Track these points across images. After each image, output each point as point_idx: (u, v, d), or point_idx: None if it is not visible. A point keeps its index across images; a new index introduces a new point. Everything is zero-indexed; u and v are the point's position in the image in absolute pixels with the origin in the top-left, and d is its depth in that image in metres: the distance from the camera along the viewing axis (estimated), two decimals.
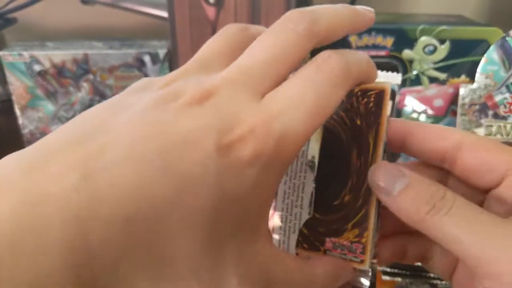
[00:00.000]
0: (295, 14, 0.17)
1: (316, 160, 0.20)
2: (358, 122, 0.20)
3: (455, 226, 0.17)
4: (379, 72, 0.20)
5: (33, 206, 0.12)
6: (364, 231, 0.19)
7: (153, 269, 0.14)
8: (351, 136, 0.20)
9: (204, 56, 0.18)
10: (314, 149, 0.20)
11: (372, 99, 0.19)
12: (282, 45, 0.16)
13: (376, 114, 0.19)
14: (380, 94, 0.19)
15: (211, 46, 0.18)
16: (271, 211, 0.21)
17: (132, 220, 0.13)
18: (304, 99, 0.15)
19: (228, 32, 0.18)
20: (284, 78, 0.16)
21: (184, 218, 0.14)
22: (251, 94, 0.15)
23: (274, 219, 0.21)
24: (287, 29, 0.16)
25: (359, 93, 0.19)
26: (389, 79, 0.19)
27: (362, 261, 0.20)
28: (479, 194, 0.20)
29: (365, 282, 0.21)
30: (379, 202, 0.19)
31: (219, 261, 0.15)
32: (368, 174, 0.19)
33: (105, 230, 0.13)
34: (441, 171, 0.21)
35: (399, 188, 0.18)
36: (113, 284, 0.13)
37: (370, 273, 0.21)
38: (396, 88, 0.20)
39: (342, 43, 0.43)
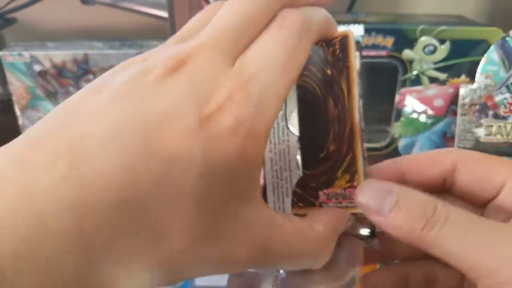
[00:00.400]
0: None
1: (296, 120, 0.21)
2: (329, 72, 0.20)
3: (452, 239, 0.17)
4: (341, 27, 0.21)
5: (27, 198, 0.12)
6: (355, 175, 0.20)
7: (148, 248, 0.14)
8: (325, 87, 0.20)
9: (182, 30, 0.18)
10: (292, 110, 0.21)
11: (337, 47, 0.20)
12: (250, 8, 0.16)
13: (343, 59, 0.19)
14: (343, 40, 0.19)
15: (190, 21, 0.18)
16: (261, 181, 0.21)
17: (122, 203, 0.13)
18: (274, 57, 0.16)
19: (206, 7, 0.18)
20: (253, 40, 0.16)
21: (173, 195, 0.14)
22: (224, 58, 0.15)
23: (267, 188, 0.21)
24: None
25: (324, 44, 0.20)
26: (351, 30, 0.20)
27: None
28: (478, 210, 0.20)
29: (364, 231, 0.21)
30: (363, 142, 0.20)
31: (215, 231, 0.15)
32: (355, 195, 0.19)
33: (97, 216, 0.13)
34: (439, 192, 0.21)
35: (388, 207, 0.18)
36: (110, 266, 0.14)
37: (369, 222, 0.21)
38: (361, 39, 0.20)
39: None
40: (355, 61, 0.19)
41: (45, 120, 0.15)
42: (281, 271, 0.20)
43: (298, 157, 0.21)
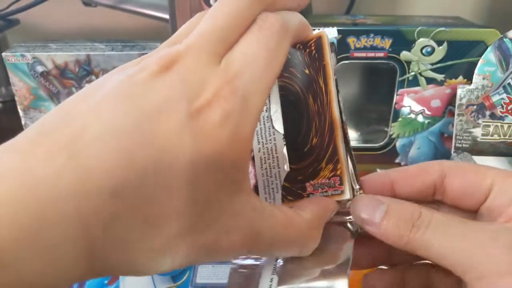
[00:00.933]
0: None
1: (281, 119, 0.22)
2: (307, 71, 0.21)
3: (436, 239, 0.19)
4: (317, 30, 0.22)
5: (29, 188, 0.13)
6: (337, 164, 0.21)
7: (144, 231, 0.15)
8: (304, 86, 0.22)
9: (172, 37, 0.19)
10: (276, 110, 0.22)
11: (313, 48, 0.21)
12: (232, 12, 0.17)
13: (319, 59, 0.21)
14: (318, 41, 0.21)
15: (179, 29, 0.19)
16: (252, 180, 0.22)
17: (119, 189, 0.14)
18: (257, 55, 0.17)
19: (193, 17, 0.19)
20: (237, 40, 0.17)
21: (166, 182, 0.15)
22: (212, 57, 0.16)
23: (258, 186, 0.23)
24: None
25: (301, 47, 0.21)
26: (325, 31, 0.21)
27: (342, 192, 0.21)
28: (471, 215, 0.21)
29: (349, 217, 0.22)
30: (344, 134, 0.21)
31: (207, 218, 0.16)
32: (351, 210, 0.21)
33: (95, 202, 0.14)
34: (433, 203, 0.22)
35: (379, 216, 0.20)
36: (110, 252, 0.14)
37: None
38: (335, 41, 0.22)
39: (341, 45, 0.44)
40: (330, 59, 0.21)
41: (44, 118, 0.16)
42: (279, 260, 0.21)
43: (285, 153, 0.22)
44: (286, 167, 0.22)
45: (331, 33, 0.22)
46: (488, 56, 0.44)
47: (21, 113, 0.49)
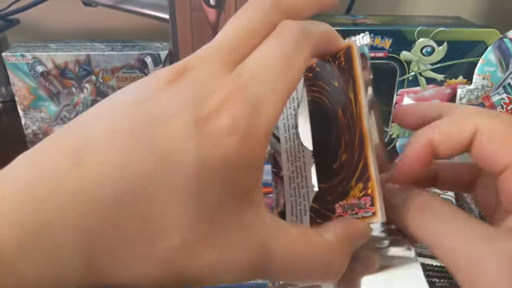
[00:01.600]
0: None
1: (310, 135, 0.21)
2: (336, 84, 0.20)
3: (432, 233, 0.18)
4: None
5: (34, 195, 0.13)
6: (368, 182, 0.19)
7: (145, 239, 0.14)
8: (334, 99, 0.20)
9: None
10: (304, 125, 0.21)
11: (342, 59, 0.20)
12: (250, 20, 0.17)
13: (349, 70, 0.20)
14: (347, 51, 0.20)
15: None
16: (281, 200, 0.21)
17: (120, 196, 0.14)
18: (271, 61, 0.16)
19: None
20: (254, 49, 0.17)
21: (168, 191, 0.14)
22: (224, 66, 0.16)
23: (286, 208, 0.21)
24: (255, 6, 0.17)
25: (330, 59, 0.20)
26: (354, 41, 0.20)
27: (373, 213, 0.19)
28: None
29: (382, 244, 0.20)
30: (374, 149, 0.19)
31: (211, 230, 0.15)
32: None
33: (98, 208, 0.14)
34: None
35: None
36: (110, 258, 0.14)
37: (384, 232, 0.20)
38: (367, 50, 0.20)
39: None
40: (360, 69, 0.19)
41: (64, 126, 0.16)
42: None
43: (313, 171, 0.20)
44: (315, 187, 0.20)
45: (363, 40, 0.20)
46: (488, 56, 0.44)
47: (21, 113, 0.49)
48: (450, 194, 0.39)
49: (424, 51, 0.44)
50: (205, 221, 0.15)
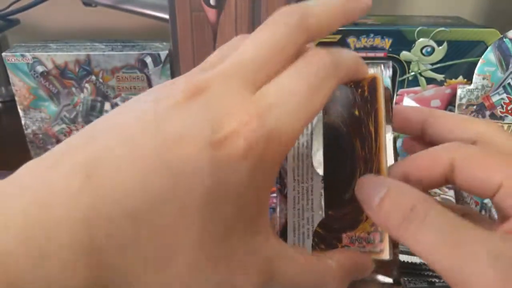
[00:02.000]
0: (287, 8, 0.17)
1: (322, 159, 0.20)
2: (357, 113, 0.20)
3: (426, 242, 0.16)
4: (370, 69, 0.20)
5: (42, 207, 0.13)
6: None
7: (155, 262, 0.14)
8: (352, 128, 0.20)
9: (209, 57, 0.18)
10: (318, 149, 0.20)
11: (366, 88, 0.19)
12: (274, 38, 0.16)
13: (372, 102, 0.19)
14: (372, 82, 0.19)
15: (215, 51, 0.18)
16: (281, 219, 0.21)
17: (134, 215, 0.14)
18: (295, 90, 0.16)
19: (232, 39, 0.18)
20: (278, 71, 0.16)
21: (180, 210, 0.14)
22: (244, 86, 0.16)
23: (288, 227, 0.21)
24: (279, 23, 0.17)
25: (352, 86, 0.20)
26: (380, 73, 0.20)
27: (381, 251, 0.19)
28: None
29: (386, 279, 0.20)
30: None
31: (221, 251, 0.15)
32: (355, 190, 0.19)
33: (109, 226, 0.13)
34: None
35: (377, 200, 0.18)
36: (120, 277, 0.14)
37: (393, 270, 0.20)
38: (389, 82, 0.20)
39: (341, 45, 0.44)
40: (384, 104, 0.19)
41: (75, 135, 0.15)
42: None
43: (322, 198, 0.20)
44: (322, 213, 0.20)
45: (386, 72, 0.20)
46: (488, 56, 0.44)
47: (21, 113, 0.49)
48: (450, 194, 0.39)
49: (424, 51, 0.44)
50: (215, 242, 0.15)
